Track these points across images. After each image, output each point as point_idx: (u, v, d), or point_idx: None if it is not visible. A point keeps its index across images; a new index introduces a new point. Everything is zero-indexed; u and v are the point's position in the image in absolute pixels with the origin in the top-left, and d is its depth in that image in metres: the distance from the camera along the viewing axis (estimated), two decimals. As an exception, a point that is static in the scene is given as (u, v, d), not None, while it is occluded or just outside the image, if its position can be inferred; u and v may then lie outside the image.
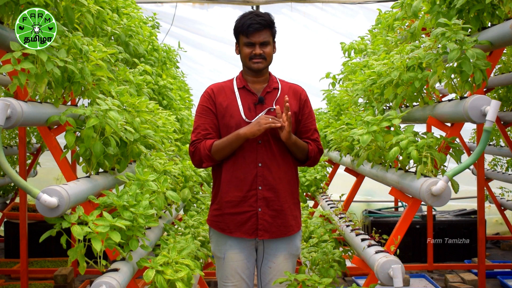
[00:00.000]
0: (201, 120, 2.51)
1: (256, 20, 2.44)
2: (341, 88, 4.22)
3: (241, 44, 2.50)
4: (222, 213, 2.49)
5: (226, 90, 2.54)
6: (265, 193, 2.45)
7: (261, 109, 2.49)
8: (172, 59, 4.79)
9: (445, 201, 2.22)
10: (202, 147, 2.45)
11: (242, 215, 2.45)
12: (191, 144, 2.51)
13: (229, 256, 2.48)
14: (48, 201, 1.92)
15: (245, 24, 2.45)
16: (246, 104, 2.49)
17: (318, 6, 7.07)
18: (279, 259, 2.52)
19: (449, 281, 4.86)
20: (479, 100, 2.17)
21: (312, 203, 4.51)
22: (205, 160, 2.46)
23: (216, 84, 2.59)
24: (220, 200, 2.49)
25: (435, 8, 2.65)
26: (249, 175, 2.44)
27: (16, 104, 1.92)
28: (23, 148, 3.94)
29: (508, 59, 4.58)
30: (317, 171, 4.25)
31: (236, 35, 2.54)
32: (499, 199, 5.72)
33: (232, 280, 2.48)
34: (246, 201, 2.45)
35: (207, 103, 2.52)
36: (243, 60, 2.52)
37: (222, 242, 2.50)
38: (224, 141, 2.43)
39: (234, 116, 2.47)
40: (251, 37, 2.45)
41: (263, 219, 2.45)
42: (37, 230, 4.69)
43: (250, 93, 2.52)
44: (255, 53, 2.46)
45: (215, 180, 2.56)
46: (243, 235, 2.46)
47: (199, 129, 2.50)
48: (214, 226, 2.53)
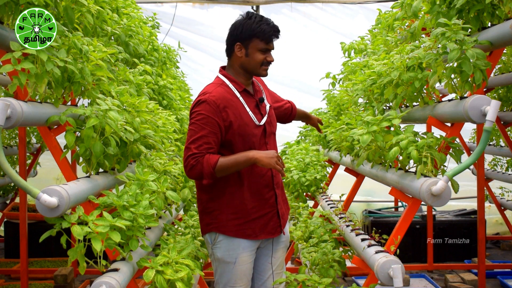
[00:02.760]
0: (204, 132, 2.34)
1: (276, 29, 2.45)
2: (341, 88, 4.21)
3: (253, 48, 2.43)
4: (247, 220, 2.46)
5: (230, 98, 2.43)
6: (278, 191, 2.56)
7: (262, 109, 2.54)
8: (172, 59, 4.79)
9: (445, 201, 2.22)
10: (206, 163, 2.31)
11: (265, 217, 2.50)
12: (191, 156, 2.33)
13: (240, 259, 2.45)
14: (48, 201, 1.92)
15: (266, 31, 2.41)
16: (251, 108, 2.49)
17: (318, 6, 7.07)
18: (278, 253, 2.62)
19: (449, 281, 4.86)
20: (479, 100, 2.17)
21: (312, 203, 4.51)
22: (206, 176, 2.33)
23: (215, 92, 2.41)
24: (244, 207, 2.44)
25: (435, 8, 2.65)
26: (266, 178, 2.50)
27: (16, 104, 1.92)
28: (23, 148, 3.94)
29: (508, 59, 4.58)
30: (317, 171, 4.24)
31: (248, 37, 2.42)
32: (499, 199, 5.72)
33: (240, 283, 2.47)
34: (266, 202, 2.50)
35: (213, 114, 2.35)
36: (252, 65, 2.45)
37: (235, 247, 2.45)
38: (231, 161, 2.34)
39: (248, 123, 2.44)
40: (270, 44, 2.45)
41: (281, 216, 2.57)
42: (37, 230, 4.69)
43: (249, 95, 2.52)
44: (269, 60, 2.46)
45: (226, 187, 2.45)
46: (267, 235, 2.51)
47: (201, 141, 2.34)
48: (240, 235, 2.44)
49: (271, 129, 2.56)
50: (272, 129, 2.58)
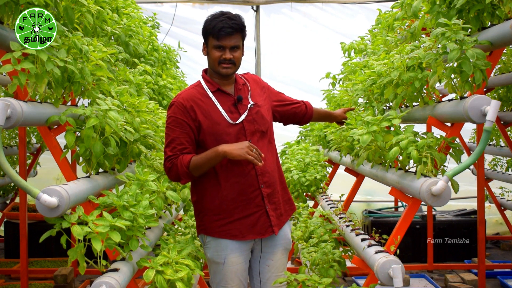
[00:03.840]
0: (175, 134, 2.39)
1: (229, 24, 2.38)
2: (341, 88, 4.21)
3: (210, 46, 2.43)
4: (230, 221, 2.44)
5: (200, 98, 2.44)
6: (267, 190, 2.48)
7: (241, 108, 2.47)
8: (172, 59, 4.79)
9: (445, 201, 2.21)
10: (180, 164, 2.36)
11: (251, 216, 2.45)
12: (167, 160, 2.40)
13: (229, 260, 2.44)
14: (48, 201, 1.92)
15: (217, 27, 2.38)
16: (226, 107, 2.45)
17: (318, 6, 7.07)
18: (277, 256, 2.55)
19: (449, 281, 4.86)
20: (479, 100, 2.17)
21: (312, 203, 4.51)
22: (182, 177, 2.39)
23: (185, 93, 2.46)
24: (226, 208, 2.43)
25: (435, 8, 2.65)
26: (250, 177, 2.44)
27: (16, 104, 1.92)
28: (23, 148, 3.94)
29: (508, 59, 4.58)
30: (317, 171, 4.24)
31: (205, 36, 2.46)
32: (499, 199, 5.72)
33: (231, 284, 2.46)
34: (251, 202, 2.44)
35: (181, 115, 2.40)
36: (211, 63, 2.45)
37: (222, 248, 2.45)
38: (203, 158, 2.36)
39: (220, 122, 2.41)
40: (222, 41, 2.39)
41: (272, 216, 2.49)
42: (37, 230, 4.69)
43: (225, 95, 2.48)
44: (225, 58, 2.41)
45: (206, 188, 2.46)
46: (256, 236, 2.46)
47: (175, 143, 2.39)
48: (225, 235, 2.44)
49: (254, 127, 2.47)
50: (258, 127, 2.49)
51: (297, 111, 2.83)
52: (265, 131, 2.52)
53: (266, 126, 2.54)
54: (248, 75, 2.66)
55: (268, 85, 2.74)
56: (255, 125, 2.48)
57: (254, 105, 2.51)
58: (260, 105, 2.55)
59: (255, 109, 2.50)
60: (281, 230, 2.54)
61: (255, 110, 2.50)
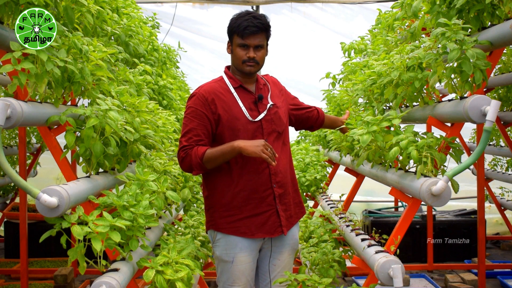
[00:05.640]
0: (193, 124, 2.43)
1: (254, 23, 2.41)
2: (341, 88, 4.21)
3: (234, 44, 2.46)
4: (240, 218, 2.45)
5: (222, 92, 2.48)
6: (279, 190, 2.49)
7: (261, 107, 2.51)
8: (172, 59, 4.79)
9: (445, 201, 2.22)
10: (194, 155, 2.38)
11: (261, 215, 2.46)
12: (181, 149, 2.43)
13: (238, 259, 2.45)
14: (48, 201, 1.92)
15: (242, 25, 2.41)
16: (246, 104, 2.48)
17: (318, 6, 7.07)
18: (284, 256, 2.57)
19: (449, 281, 4.86)
20: (479, 100, 2.17)
21: (312, 203, 4.51)
22: (195, 168, 2.41)
23: (207, 86, 2.50)
24: (236, 204, 2.44)
25: (435, 8, 2.65)
26: (263, 176, 2.45)
27: (16, 104, 1.92)
28: (23, 148, 3.95)
29: (508, 59, 4.58)
30: (317, 171, 4.25)
31: (230, 34, 2.49)
32: (499, 199, 5.72)
33: (238, 283, 2.47)
34: (263, 201, 2.46)
35: (202, 107, 2.43)
36: (235, 61, 2.49)
37: (232, 246, 2.45)
38: (218, 151, 2.38)
39: (240, 117, 2.44)
40: (247, 40, 2.42)
41: (283, 217, 2.50)
42: (37, 230, 4.69)
43: (246, 92, 2.52)
44: (249, 57, 2.44)
45: (219, 183, 2.48)
46: (265, 234, 2.47)
47: (191, 134, 2.42)
48: (233, 232, 2.44)
49: (271, 127, 2.50)
50: (275, 127, 2.51)
51: (310, 116, 2.86)
52: (281, 132, 2.55)
53: (282, 127, 2.57)
54: (268, 77, 2.69)
55: (285, 89, 2.77)
56: (273, 125, 2.52)
57: (273, 105, 2.54)
58: (279, 107, 2.58)
59: (273, 110, 2.54)
60: (289, 231, 2.55)
61: (274, 111, 2.54)
